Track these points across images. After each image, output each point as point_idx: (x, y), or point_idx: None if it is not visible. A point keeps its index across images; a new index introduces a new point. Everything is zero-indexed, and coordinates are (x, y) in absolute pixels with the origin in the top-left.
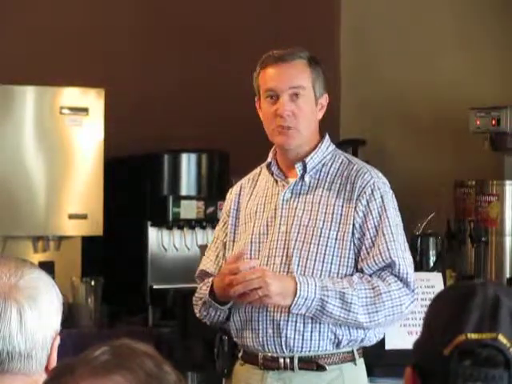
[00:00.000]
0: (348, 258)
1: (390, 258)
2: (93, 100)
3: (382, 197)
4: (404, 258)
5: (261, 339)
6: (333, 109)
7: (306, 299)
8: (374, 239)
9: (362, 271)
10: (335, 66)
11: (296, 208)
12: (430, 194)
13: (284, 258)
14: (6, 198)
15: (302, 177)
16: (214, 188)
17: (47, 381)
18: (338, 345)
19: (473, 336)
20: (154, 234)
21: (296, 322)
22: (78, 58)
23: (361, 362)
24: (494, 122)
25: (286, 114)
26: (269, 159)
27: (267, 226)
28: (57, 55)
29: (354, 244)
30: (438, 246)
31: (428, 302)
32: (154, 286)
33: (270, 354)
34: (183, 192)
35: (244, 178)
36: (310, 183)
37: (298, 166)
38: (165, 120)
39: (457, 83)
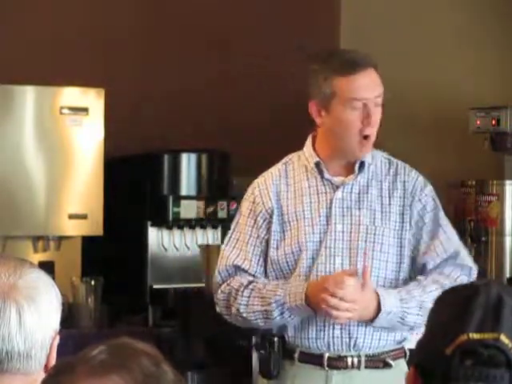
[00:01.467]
0: (406, 255)
1: (453, 247)
2: (93, 100)
3: (430, 192)
4: (461, 245)
5: (326, 339)
6: None
7: (388, 313)
8: (433, 233)
9: (424, 266)
10: None
11: (351, 207)
12: None
13: (345, 257)
14: (6, 198)
15: (357, 176)
16: (214, 188)
17: (46, 379)
18: (400, 342)
19: (475, 336)
20: (154, 234)
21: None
22: (77, 58)
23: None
24: (493, 122)
25: (377, 123)
26: (315, 158)
27: (320, 225)
28: (57, 55)
29: (411, 241)
30: None
31: None
32: (154, 286)
33: (336, 354)
34: (183, 192)
35: (268, 174)
36: (361, 182)
37: (356, 166)
38: (165, 120)
39: (457, 83)
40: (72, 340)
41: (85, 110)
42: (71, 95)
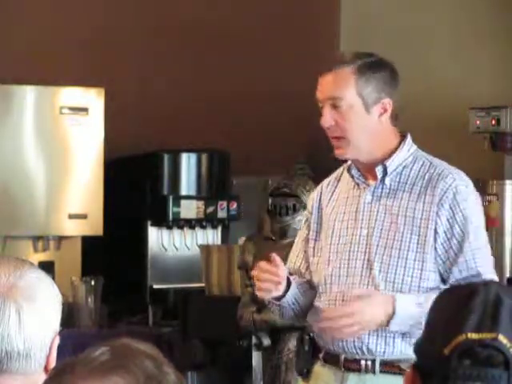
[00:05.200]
0: (429, 262)
1: (476, 269)
2: (93, 100)
3: (465, 201)
4: (489, 265)
5: (341, 343)
6: None
7: (402, 319)
8: (459, 247)
9: (447, 279)
10: None
11: (377, 211)
12: None
13: (365, 262)
14: (6, 198)
15: (383, 180)
16: (213, 188)
17: (47, 380)
18: None
19: (473, 336)
20: (154, 234)
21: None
22: (78, 58)
23: None
24: (493, 122)
25: (327, 124)
26: (349, 162)
27: (347, 228)
28: (57, 55)
29: (436, 250)
30: None
31: None
32: (154, 286)
33: (351, 356)
34: (183, 192)
35: (327, 179)
36: (390, 186)
37: (379, 169)
38: (165, 120)
39: (457, 83)
40: (72, 340)
41: (85, 110)
42: (71, 95)
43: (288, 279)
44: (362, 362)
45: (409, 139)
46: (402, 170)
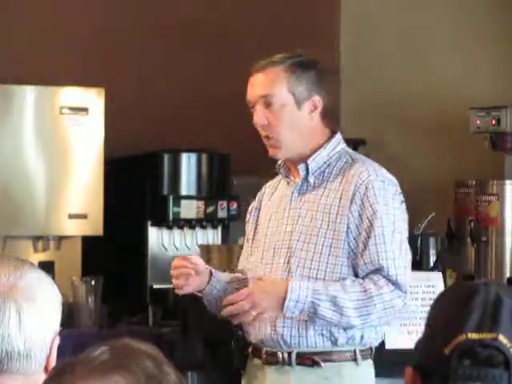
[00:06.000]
0: (342, 257)
1: (379, 262)
2: (93, 100)
3: (375, 196)
4: (394, 260)
5: (260, 336)
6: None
7: (297, 302)
8: (365, 241)
9: (357, 273)
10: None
11: (300, 209)
12: (430, 194)
13: (286, 258)
14: (6, 198)
15: (307, 177)
16: (214, 188)
17: (47, 380)
18: (335, 343)
19: (473, 336)
20: (154, 234)
21: (292, 319)
22: (78, 58)
23: (366, 363)
24: (493, 122)
25: (260, 123)
26: (279, 161)
27: (277, 226)
28: (57, 55)
29: (349, 245)
30: (438, 246)
31: (428, 302)
32: (154, 286)
33: (270, 349)
34: (183, 192)
35: (273, 179)
36: (314, 184)
37: (301, 168)
38: (165, 120)
39: (457, 83)
40: (72, 340)
41: (85, 109)
42: (71, 95)
43: (211, 272)
44: (279, 355)
45: (337, 137)
46: (326, 167)
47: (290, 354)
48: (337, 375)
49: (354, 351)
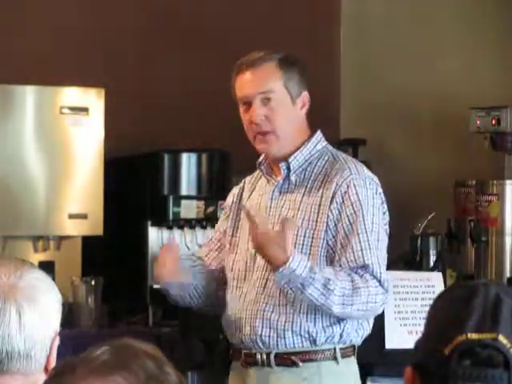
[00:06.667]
0: (320, 255)
1: (363, 261)
2: (93, 100)
3: (356, 194)
4: (378, 259)
5: (239, 337)
6: (333, 109)
7: (293, 271)
8: (346, 240)
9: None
10: (335, 66)
11: (282, 207)
12: (430, 194)
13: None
14: (6, 198)
15: (288, 176)
16: (214, 188)
17: (47, 380)
18: (314, 342)
19: (473, 336)
20: (154, 234)
21: (270, 319)
22: (78, 58)
23: (347, 361)
24: (493, 122)
25: (258, 119)
26: (260, 158)
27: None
28: (57, 55)
29: (328, 243)
30: (438, 246)
31: (428, 302)
32: (154, 286)
33: (249, 351)
34: (183, 192)
35: (251, 175)
36: (295, 182)
37: (282, 166)
38: (165, 120)
39: (457, 83)
40: (72, 340)
41: (85, 109)
42: (71, 95)
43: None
44: (258, 356)
45: (317, 135)
46: (307, 166)
47: (268, 354)
48: (316, 375)
49: (334, 349)
